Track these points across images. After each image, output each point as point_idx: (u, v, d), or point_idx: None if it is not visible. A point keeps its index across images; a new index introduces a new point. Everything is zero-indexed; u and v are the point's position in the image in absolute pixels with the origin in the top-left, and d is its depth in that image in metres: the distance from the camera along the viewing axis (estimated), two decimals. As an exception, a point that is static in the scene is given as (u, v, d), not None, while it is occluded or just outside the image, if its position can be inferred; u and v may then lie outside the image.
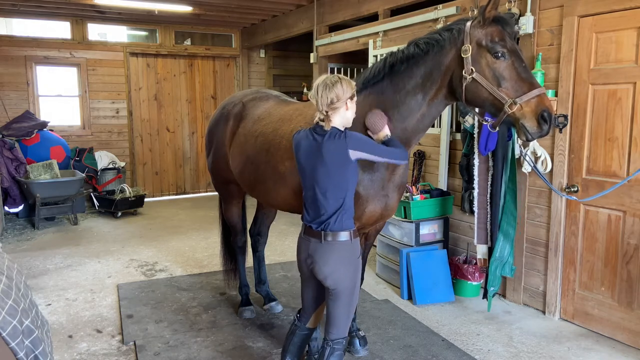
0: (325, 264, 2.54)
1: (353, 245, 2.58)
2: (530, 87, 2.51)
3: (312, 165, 2.53)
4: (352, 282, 2.60)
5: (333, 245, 2.53)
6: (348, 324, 2.69)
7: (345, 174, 2.50)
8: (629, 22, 3.48)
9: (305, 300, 2.81)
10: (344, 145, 2.46)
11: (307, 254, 2.61)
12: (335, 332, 2.63)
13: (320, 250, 2.54)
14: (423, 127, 2.90)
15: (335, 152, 2.46)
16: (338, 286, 2.56)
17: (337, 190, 2.50)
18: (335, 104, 2.48)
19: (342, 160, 2.47)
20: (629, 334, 3.65)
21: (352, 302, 2.64)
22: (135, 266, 5.44)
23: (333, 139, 2.47)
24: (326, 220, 2.53)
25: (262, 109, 3.68)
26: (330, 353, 2.63)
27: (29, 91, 8.14)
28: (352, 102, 2.54)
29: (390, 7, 5.69)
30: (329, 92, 2.47)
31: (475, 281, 4.51)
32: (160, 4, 7.09)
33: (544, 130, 2.49)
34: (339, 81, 2.49)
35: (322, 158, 2.48)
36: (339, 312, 2.61)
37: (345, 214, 2.54)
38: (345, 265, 2.56)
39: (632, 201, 3.57)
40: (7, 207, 7.07)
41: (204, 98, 9.53)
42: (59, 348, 3.61)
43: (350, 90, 2.51)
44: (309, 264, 2.61)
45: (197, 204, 8.83)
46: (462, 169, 4.67)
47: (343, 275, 2.56)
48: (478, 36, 2.59)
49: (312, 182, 2.55)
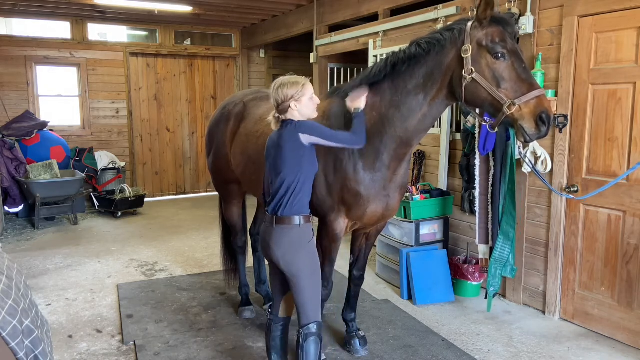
0: (276, 247, 2.62)
1: (302, 229, 2.64)
2: (530, 88, 2.50)
3: (273, 155, 2.65)
4: (306, 265, 2.64)
5: (283, 229, 2.61)
6: (316, 309, 2.68)
7: (299, 159, 2.58)
8: (629, 22, 3.48)
9: (273, 288, 2.88)
10: (294, 131, 2.57)
11: (263, 238, 2.72)
12: (304, 318, 2.66)
13: (273, 233, 2.63)
14: (424, 127, 2.90)
15: (288, 139, 2.58)
16: (292, 270, 2.61)
17: (290, 175, 2.59)
18: (282, 105, 2.59)
19: (296, 145, 2.57)
20: (629, 334, 3.65)
21: (312, 286, 2.65)
22: (135, 266, 5.44)
23: (286, 127, 2.61)
24: (278, 204, 2.61)
25: (263, 109, 3.68)
26: (304, 340, 2.65)
27: (29, 91, 8.14)
28: (300, 103, 2.59)
29: (390, 7, 5.69)
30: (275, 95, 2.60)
31: (475, 281, 4.51)
32: (160, 4, 7.09)
33: (542, 132, 2.49)
34: (282, 86, 2.60)
35: (279, 146, 2.60)
36: (301, 297, 2.64)
37: (296, 198, 2.60)
38: (295, 248, 2.62)
39: (632, 201, 3.57)
40: (7, 207, 7.07)
41: (204, 98, 9.53)
42: (59, 348, 3.61)
43: (294, 91, 2.57)
44: (264, 249, 2.70)
45: (197, 204, 8.83)
46: (462, 169, 4.67)
47: (295, 259, 2.61)
48: (478, 36, 2.58)
49: (271, 169, 2.66)
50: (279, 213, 2.61)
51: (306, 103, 2.60)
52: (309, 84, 2.64)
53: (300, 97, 2.58)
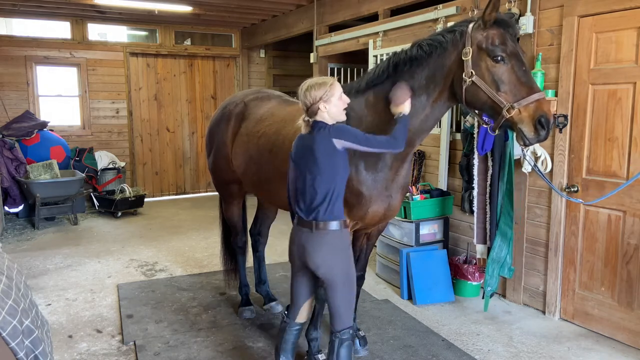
0: (316, 253, 2.59)
1: (342, 234, 2.64)
2: (530, 91, 2.49)
3: (305, 159, 2.61)
4: (344, 270, 2.64)
5: (323, 234, 2.59)
6: (350, 314, 2.72)
7: (333, 164, 2.56)
8: (629, 22, 3.48)
9: (295, 294, 2.84)
10: (328, 135, 2.54)
11: (299, 244, 2.67)
12: (340, 323, 2.66)
13: (312, 239, 2.60)
14: (427, 128, 2.90)
15: (322, 143, 2.55)
16: (331, 275, 2.60)
17: (326, 180, 2.56)
18: (311, 108, 2.56)
19: (329, 149, 2.54)
20: (629, 334, 3.65)
21: (349, 291, 2.67)
22: (135, 266, 5.44)
23: (319, 131, 2.57)
24: (316, 209, 2.58)
25: (264, 109, 3.67)
26: (340, 344, 2.66)
27: (29, 91, 8.14)
28: (329, 102, 2.56)
29: (390, 7, 5.68)
30: (304, 98, 2.57)
31: (475, 281, 4.51)
32: (160, 4, 7.09)
33: (541, 135, 2.47)
34: (310, 88, 2.56)
35: (312, 150, 2.56)
36: (338, 302, 2.64)
37: (335, 203, 2.59)
38: (335, 253, 2.61)
39: (632, 201, 3.57)
40: (7, 207, 7.07)
41: (204, 98, 9.53)
42: (59, 348, 3.61)
43: (322, 92, 2.54)
44: (300, 254, 2.66)
45: (197, 204, 8.83)
46: (462, 169, 4.67)
47: (334, 264, 2.60)
48: (479, 39, 2.58)
49: (304, 173, 2.61)
50: (319, 218, 2.58)
51: (335, 103, 2.58)
52: (337, 83, 2.61)
53: (329, 98, 2.56)
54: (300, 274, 2.77)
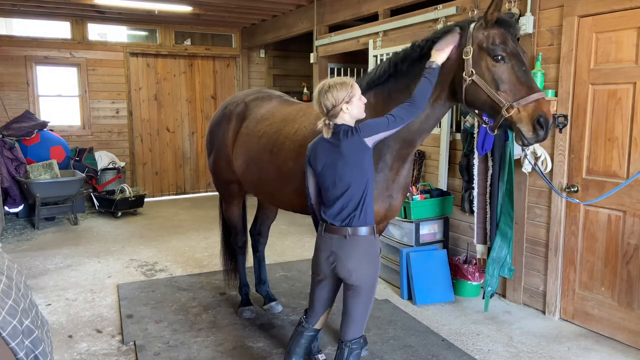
0: (349, 259, 2.56)
1: (375, 240, 2.62)
2: (529, 91, 2.48)
3: (333, 165, 2.55)
4: (373, 278, 2.63)
5: (357, 240, 2.56)
6: (365, 323, 2.70)
7: (365, 166, 2.53)
8: (629, 22, 3.48)
9: (317, 301, 2.78)
10: (358, 137, 2.50)
11: (329, 251, 2.60)
12: (354, 331, 2.64)
13: (345, 245, 2.56)
14: (427, 127, 2.90)
15: (353, 146, 2.50)
16: (361, 282, 2.57)
17: (360, 185, 2.53)
18: (333, 110, 2.51)
19: (361, 152, 2.51)
20: (629, 334, 3.65)
21: (371, 300, 2.66)
22: (135, 266, 5.44)
23: (347, 136, 2.51)
24: (349, 215, 2.55)
25: (265, 109, 3.67)
26: (350, 353, 2.63)
27: (29, 91, 8.14)
28: (351, 104, 2.53)
29: (390, 7, 5.68)
30: (325, 100, 2.51)
31: (475, 281, 4.51)
32: (160, 4, 7.09)
33: (539, 135, 2.47)
34: (329, 89, 2.51)
35: (342, 155, 2.52)
36: (359, 310, 2.62)
37: (368, 208, 2.57)
38: (368, 260, 2.59)
39: (632, 201, 3.57)
40: (7, 207, 7.07)
41: (204, 98, 9.53)
42: (59, 348, 3.61)
43: (343, 95, 2.50)
44: (331, 262, 2.60)
45: (197, 204, 8.83)
46: (462, 169, 4.67)
47: (366, 271, 2.58)
48: (480, 38, 2.58)
49: (333, 181, 2.55)
50: (353, 224, 2.54)
51: (356, 103, 2.54)
52: (355, 83, 2.59)
53: (352, 98, 2.53)
54: (324, 283, 2.71)
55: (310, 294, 2.81)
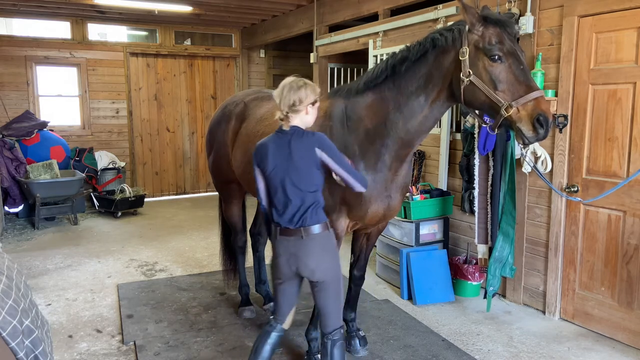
0: (309, 258, 2.57)
1: (330, 235, 2.64)
2: (528, 89, 2.48)
3: (282, 165, 2.55)
4: (336, 270, 2.65)
5: (313, 239, 2.57)
6: (340, 314, 2.72)
7: (314, 168, 2.54)
8: (629, 22, 3.48)
9: (283, 302, 2.76)
10: (312, 142, 2.52)
11: (288, 254, 2.60)
12: (332, 323, 2.67)
13: (302, 246, 2.57)
14: (426, 128, 2.90)
15: (304, 149, 2.52)
16: (325, 277, 2.60)
17: (310, 185, 2.54)
18: (297, 106, 2.51)
19: (311, 156, 2.52)
20: (629, 334, 3.65)
21: (339, 291, 2.68)
22: (135, 266, 5.44)
23: (300, 137, 2.53)
24: (302, 216, 2.55)
25: (264, 109, 3.68)
26: (333, 345, 2.66)
27: (29, 91, 8.14)
28: (314, 108, 2.57)
29: (390, 7, 5.69)
30: (293, 94, 2.51)
31: (475, 281, 4.51)
32: (160, 4, 7.09)
33: (539, 134, 2.46)
34: (304, 86, 2.53)
35: (291, 156, 2.52)
36: (331, 303, 2.65)
37: (319, 206, 2.59)
38: (327, 255, 2.61)
39: (632, 201, 3.57)
40: (7, 207, 7.07)
41: (204, 98, 9.53)
42: (59, 348, 3.61)
43: (313, 97, 2.54)
44: (292, 264, 2.61)
45: (197, 204, 8.83)
46: (462, 169, 4.67)
47: (329, 265, 2.61)
48: (475, 39, 2.57)
49: (283, 181, 2.55)
50: (307, 224, 2.55)
51: (315, 112, 2.59)
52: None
53: (315, 105, 2.57)
54: (287, 284, 2.70)
55: (275, 297, 2.79)
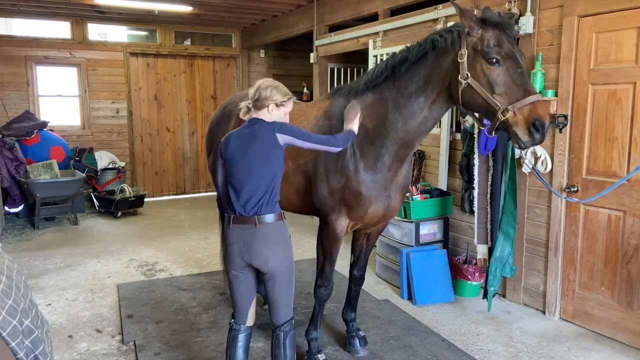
0: (263, 247, 2.54)
1: (285, 226, 2.63)
2: (525, 93, 2.47)
3: (241, 153, 2.57)
4: (289, 261, 2.64)
5: (267, 227, 2.55)
6: (291, 306, 2.70)
7: (274, 158, 2.56)
8: (629, 22, 3.48)
9: (241, 299, 2.73)
10: (271, 129, 2.54)
11: (241, 242, 2.57)
12: (283, 316, 2.67)
13: (255, 234, 2.54)
14: (425, 129, 2.90)
15: (264, 137, 2.54)
16: (279, 268, 2.58)
17: (267, 174, 2.55)
18: (260, 101, 2.55)
19: (271, 144, 2.54)
20: (629, 334, 3.65)
21: (292, 283, 2.67)
22: (135, 266, 5.44)
23: (260, 126, 2.56)
24: (257, 204, 2.54)
25: None
26: (285, 336, 2.66)
27: (29, 91, 8.14)
28: (278, 110, 2.59)
29: (390, 7, 5.69)
30: (262, 90, 2.56)
31: (475, 281, 4.51)
32: (160, 4, 7.09)
33: (535, 139, 2.45)
34: (272, 86, 2.58)
35: (252, 145, 2.54)
36: (283, 295, 2.63)
37: (275, 196, 2.59)
38: (281, 245, 2.59)
39: (632, 201, 3.57)
40: (7, 207, 7.07)
41: (204, 98, 9.53)
42: (59, 348, 3.61)
43: (278, 97, 2.57)
44: (244, 253, 2.57)
45: (197, 204, 8.83)
46: (462, 169, 4.67)
47: (282, 256, 2.59)
48: (474, 41, 2.57)
49: (242, 169, 2.56)
50: (261, 212, 2.54)
51: (280, 115, 2.61)
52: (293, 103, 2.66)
53: (281, 107, 2.59)
54: (241, 276, 2.66)
55: (231, 294, 2.75)
